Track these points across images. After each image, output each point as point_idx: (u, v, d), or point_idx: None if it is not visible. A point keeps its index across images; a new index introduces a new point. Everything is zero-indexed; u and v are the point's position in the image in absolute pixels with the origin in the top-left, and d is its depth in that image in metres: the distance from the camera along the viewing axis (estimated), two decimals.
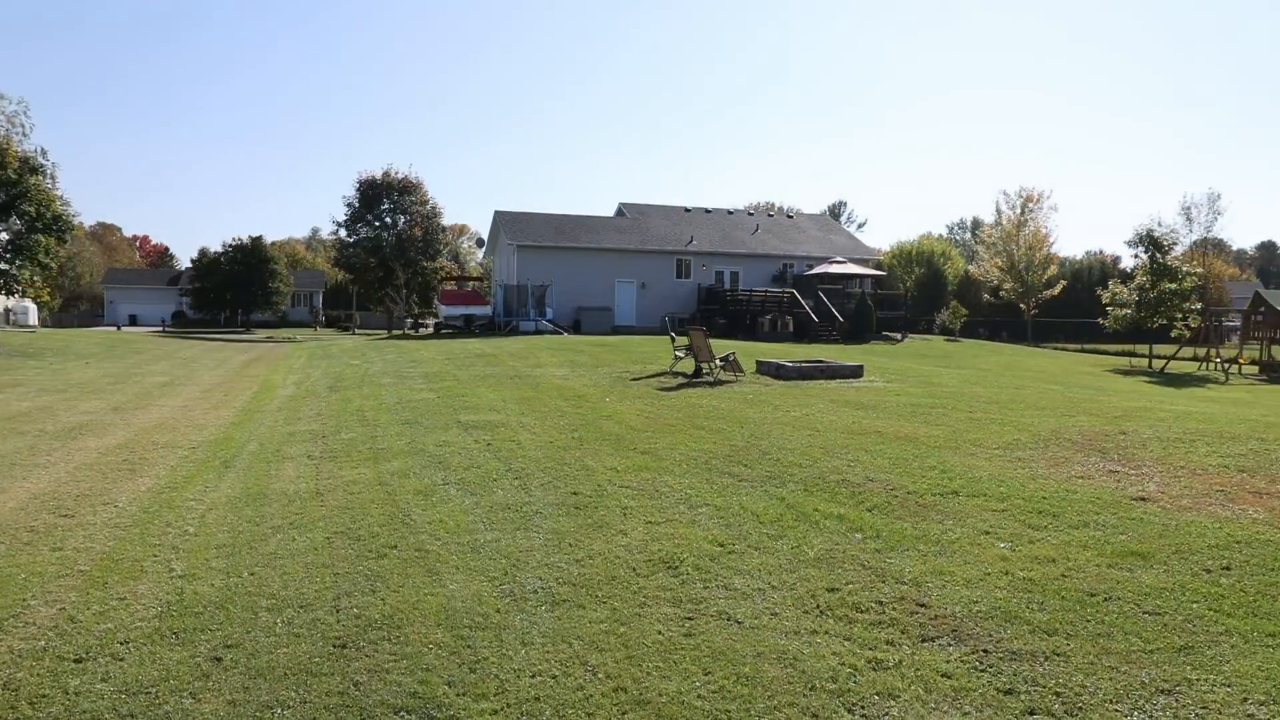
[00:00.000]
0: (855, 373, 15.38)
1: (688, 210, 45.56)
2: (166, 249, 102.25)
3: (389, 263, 44.55)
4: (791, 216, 51.14)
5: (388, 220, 46.30)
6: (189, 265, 61.13)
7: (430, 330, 40.80)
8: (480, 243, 69.54)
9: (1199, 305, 33.31)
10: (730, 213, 47.45)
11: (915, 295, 53.08)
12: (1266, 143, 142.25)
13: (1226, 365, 27.97)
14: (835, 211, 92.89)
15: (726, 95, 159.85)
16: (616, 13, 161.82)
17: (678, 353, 16.11)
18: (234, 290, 52.60)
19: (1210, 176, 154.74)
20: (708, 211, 45.95)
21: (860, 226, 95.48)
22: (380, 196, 45.88)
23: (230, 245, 53.76)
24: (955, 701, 3.55)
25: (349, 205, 45.98)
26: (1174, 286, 31.69)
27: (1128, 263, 51.57)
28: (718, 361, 14.82)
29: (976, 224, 79.47)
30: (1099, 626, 4.23)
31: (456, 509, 6.50)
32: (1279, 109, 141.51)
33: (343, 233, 46.66)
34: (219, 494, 7.20)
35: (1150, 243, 33.09)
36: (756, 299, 36.83)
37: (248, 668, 3.91)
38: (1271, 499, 6.46)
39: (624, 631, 4.25)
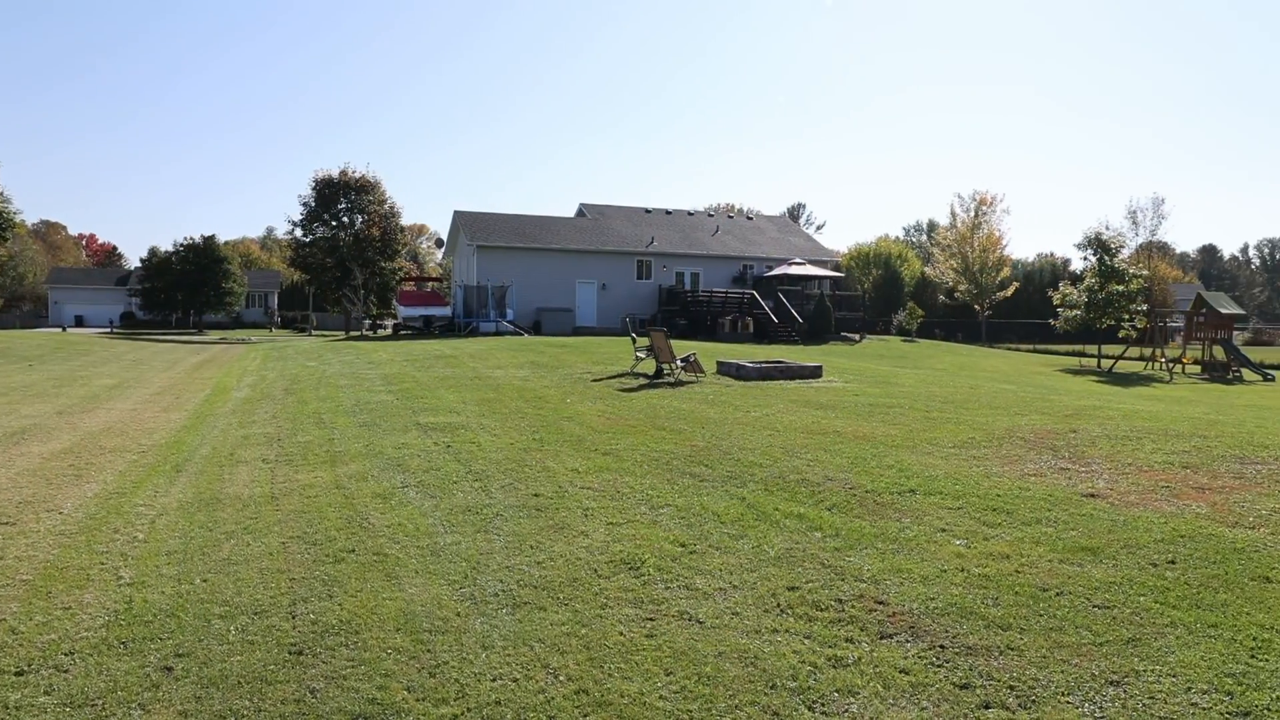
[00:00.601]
0: (814, 373, 15.54)
1: (648, 211, 45.64)
2: (114, 248, 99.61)
3: (346, 263, 43.85)
4: (751, 218, 51.50)
5: (345, 220, 45.57)
6: (138, 265, 59.68)
7: (389, 331, 40.32)
8: (439, 243, 68.85)
9: (1145, 306, 34.27)
10: (691, 214, 47.63)
11: (873, 296, 53.80)
12: (1208, 149, 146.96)
13: (1171, 365, 28.81)
14: (794, 213, 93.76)
15: (687, 96, 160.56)
16: (576, 15, 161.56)
17: (639, 354, 16.12)
18: (186, 290, 51.39)
19: (1155, 181, 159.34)
20: (668, 213, 46.07)
21: (819, 228, 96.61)
22: (337, 196, 45.15)
23: (182, 244, 52.51)
24: (913, 697, 3.60)
25: (305, 204, 45.16)
26: (1121, 288, 32.55)
27: (1077, 265, 52.99)
28: (679, 362, 14.86)
29: (932, 226, 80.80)
30: (1051, 621, 4.33)
31: (416, 512, 6.43)
32: (1220, 116, 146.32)
33: (299, 232, 45.78)
34: (170, 499, 7.03)
35: (1098, 245, 33.96)
36: (717, 300, 37.01)
37: (200, 677, 3.81)
38: (1213, 494, 6.67)
39: (585, 633, 4.24)
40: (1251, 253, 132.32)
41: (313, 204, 45.06)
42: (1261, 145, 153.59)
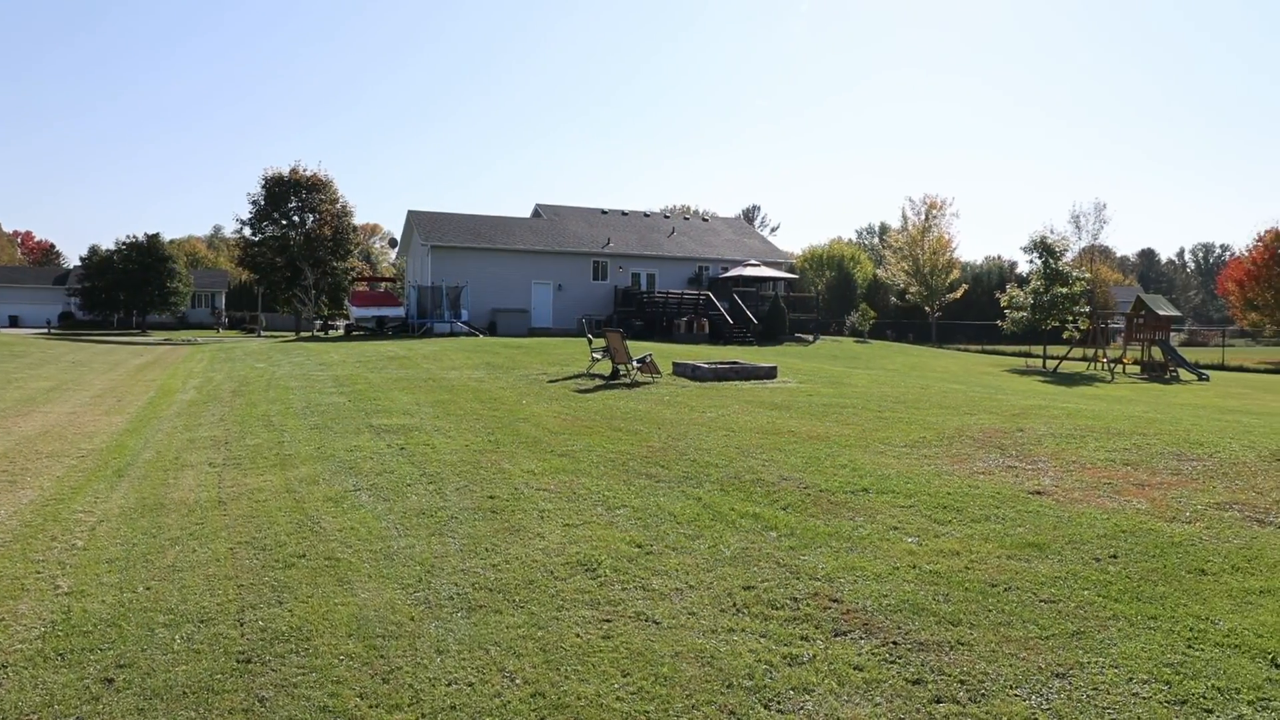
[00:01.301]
0: (769, 374, 15.68)
1: (604, 212, 45.60)
2: (52, 246, 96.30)
3: (297, 262, 43.01)
4: (707, 220, 51.77)
5: (295, 219, 44.72)
6: (78, 264, 57.73)
7: (341, 332, 39.64)
8: (393, 243, 67.85)
9: (1087, 308, 35.29)
10: (647, 215, 47.72)
11: (826, 298, 54.51)
12: (1148, 155, 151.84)
13: (1112, 365, 29.70)
14: (749, 215, 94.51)
15: (643, 98, 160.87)
16: (531, 17, 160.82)
17: (595, 354, 16.10)
18: (128, 290, 49.90)
19: (1097, 186, 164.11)
20: (624, 214, 46.09)
21: (773, 230, 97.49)
22: (288, 194, 44.28)
23: (124, 243, 50.99)
24: (867, 693, 3.65)
25: (254, 203, 44.22)
26: (1065, 291, 33.44)
27: (1024, 267, 54.29)
28: (635, 363, 14.88)
29: (884, 229, 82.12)
30: (1000, 616, 4.42)
31: (368, 515, 6.33)
32: (1159, 123, 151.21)
33: (247, 231, 44.79)
34: (111, 505, 6.81)
35: (1043, 249, 34.85)
36: (673, 301, 37.13)
37: (142, 688, 3.70)
38: (1152, 490, 6.89)
39: (541, 635, 4.22)
40: (1187, 257, 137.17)
41: (262, 202, 44.17)
42: (1198, 152, 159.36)
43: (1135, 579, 4.93)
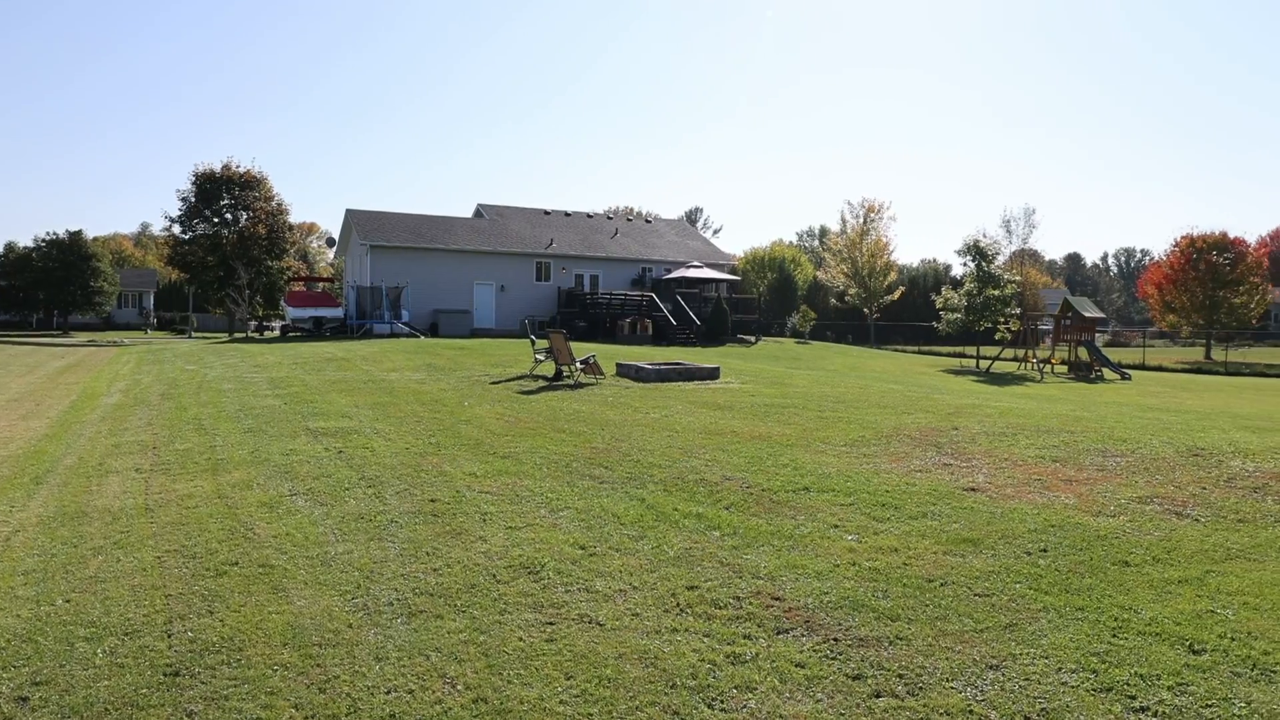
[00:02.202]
0: (712, 374, 15.79)
1: (547, 213, 45.36)
2: None
3: (230, 261, 41.71)
4: (650, 221, 51.91)
5: (228, 216, 43.39)
6: None
7: (276, 333, 38.62)
8: (331, 242, 66.37)
9: (1018, 310, 36.40)
10: (590, 216, 47.61)
11: (768, 299, 55.15)
12: (1075, 161, 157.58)
13: (1041, 365, 30.69)
14: (692, 217, 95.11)
15: (586, 99, 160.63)
16: (473, 17, 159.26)
17: (538, 355, 16.00)
18: (48, 289, 47.74)
19: (1027, 192, 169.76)
20: (568, 214, 45.92)
21: (716, 232, 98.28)
22: (220, 191, 42.94)
23: (44, 240, 48.74)
24: (808, 690, 3.69)
25: (184, 200, 42.74)
26: (997, 293, 34.41)
27: (958, 270, 55.75)
28: (578, 364, 14.83)
29: (824, 232, 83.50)
30: (936, 610, 4.52)
31: (305, 520, 6.16)
32: (1085, 131, 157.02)
33: (177, 229, 43.25)
34: (28, 514, 6.50)
35: (976, 252, 35.80)
36: (616, 302, 37.12)
37: (60, 706, 3.54)
38: (1080, 485, 7.14)
39: (484, 640, 4.16)
40: (1111, 261, 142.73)
41: (193, 199, 42.77)
42: (1122, 160, 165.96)
43: (1064, 572, 5.10)
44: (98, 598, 4.71)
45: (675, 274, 39.42)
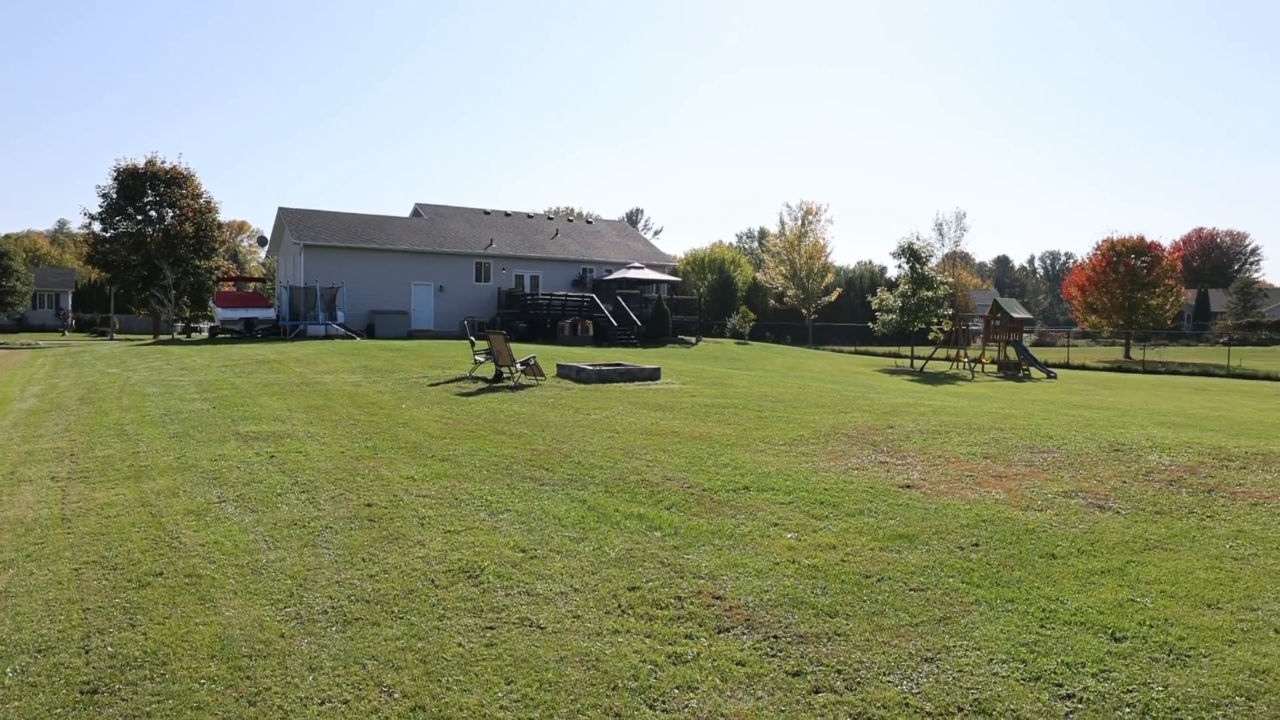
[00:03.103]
0: (653, 375, 15.83)
1: (487, 213, 44.89)
2: None
3: (154, 260, 40.18)
4: (591, 222, 51.81)
5: (152, 214, 41.76)
6: None
7: (205, 335, 37.39)
8: (262, 241, 64.35)
9: (950, 311, 37.41)
10: (530, 216, 47.30)
11: (708, 300, 55.55)
12: (1003, 166, 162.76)
13: (972, 364, 31.61)
14: (633, 218, 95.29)
15: (524, 98, 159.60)
16: (409, 15, 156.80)
17: (478, 357, 15.81)
18: None
19: (959, 196, 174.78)
20: (507, 215, 45.53)
21: (656, 234, 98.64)
22: (144, 188, 41.29)
23: None
24: (749, 688, 3.72)
25: (105, 196, 40.98)
26: (930, 294, 35.33)
27: (893, 272, 57.02)
28: (518, 365, 14.71)
29: (763, 234, 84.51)
30: (873, 605, 4.60)
31: (234, 528, 5.97)
32: (1013, 136, 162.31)
33: (97, 226, 41.47)
34: None
35: (911, 254, 36.68)
36: (557, 303, 36.95)
37: None
38: (1009, 481, 7.36)
39: (422, 647, 4.08)
40: (1037, 263, 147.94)
41: (114, 196, 41.04)
42: (1048, 165, 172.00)
43: (995, 565, 5.24)
44: (8, 614, 4.48)
45: (616, 275, 39.41)
